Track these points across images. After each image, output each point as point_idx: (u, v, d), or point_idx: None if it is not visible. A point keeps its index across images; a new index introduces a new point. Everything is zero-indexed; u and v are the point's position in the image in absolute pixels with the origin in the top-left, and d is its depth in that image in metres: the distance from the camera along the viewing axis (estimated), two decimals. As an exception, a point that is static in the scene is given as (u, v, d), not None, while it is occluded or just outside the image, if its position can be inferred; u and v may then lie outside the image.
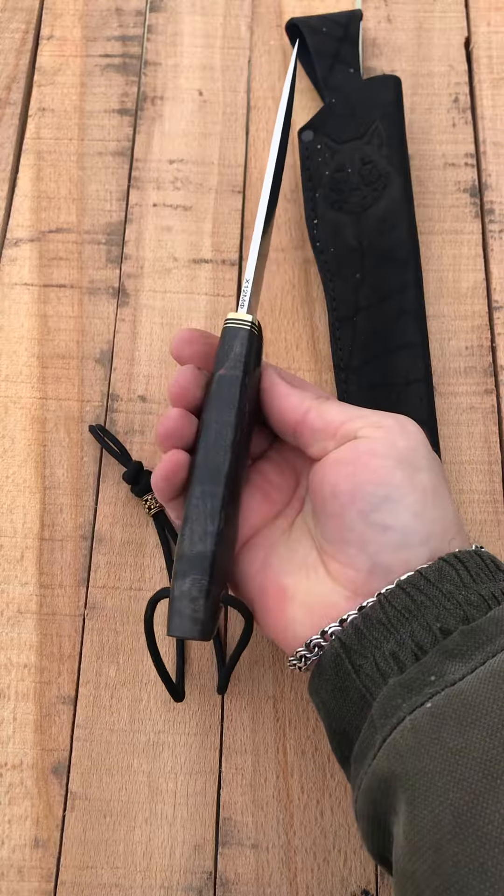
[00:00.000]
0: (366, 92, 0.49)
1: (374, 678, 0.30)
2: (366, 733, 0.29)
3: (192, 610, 0.32)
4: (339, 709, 0.31)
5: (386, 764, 0.27)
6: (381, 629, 0.30)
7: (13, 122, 0.52)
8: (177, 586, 0.32)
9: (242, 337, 0.35)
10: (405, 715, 0.28)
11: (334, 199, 0.47)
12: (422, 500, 0.31)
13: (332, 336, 0.45)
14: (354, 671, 0.30)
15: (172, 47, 0.54)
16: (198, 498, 0.33)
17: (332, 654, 0.31)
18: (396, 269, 0.46)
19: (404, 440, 0.32)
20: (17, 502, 0.44)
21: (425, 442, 0.33)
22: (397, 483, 0.31)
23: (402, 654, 0.29)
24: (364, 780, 0.29)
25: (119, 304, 0.48)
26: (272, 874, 0.37)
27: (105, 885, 0.37)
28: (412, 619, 0.30)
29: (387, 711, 0.28)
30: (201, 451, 0.33)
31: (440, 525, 0.32)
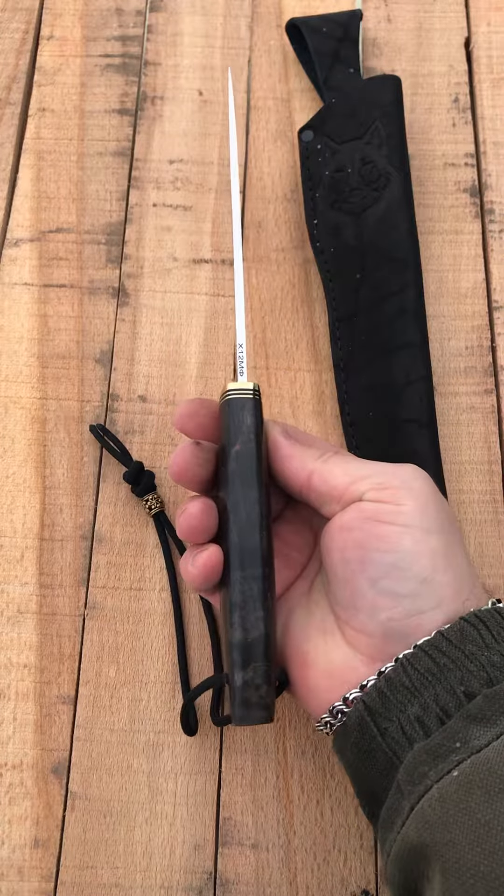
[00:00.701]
0: (366, 92, 0.49)
1: (400, 742, 0.29)
2: (393, 799, 0.29)
3: (258, 697, 0.32)
4: (366, 770, 0.31)
5: (415, 833, 0.27)
6: (405, 692, 0.30)
7: (13, 122, 0.52)
8: (239, 676, 0.32)
9: (250, 407, 0.34)
10: (432, 783, 0.27)
11: (334, 199, 0.47)
12: (431, 566, 0.31)
13: (331, 336, 0.45)
14: (380, 734, 0.30)
15: (172, 47, 0.54)
16: (241, 583, 0.32)
17: (357, 717, 0.31)
18: (396, 268, 0.46)
19: (412, 501, 0.32)
20: (17, 502, 0.44)
21: (435, 497, 0.33)
22: (405, 549, 0.31)
23: (427, 719, 0.29)
24: (393, 847, 0.29)
25: (119, 304, 0.48)
26: (272, 874, 0.37)
27: (105, 885, 0.37)
28: (435, 682, 0.29)
29: (413, 779, 0.28)
30: (234, 534, 0.33)
31: (452, 588, 0.31)
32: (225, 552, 0.33)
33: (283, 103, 0.53)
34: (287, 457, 0.34)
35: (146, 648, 0.41)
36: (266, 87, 0.53)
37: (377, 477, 0.32)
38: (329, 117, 0.49)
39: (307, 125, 0.49)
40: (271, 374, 0.46)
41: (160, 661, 0.41)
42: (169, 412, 0.45)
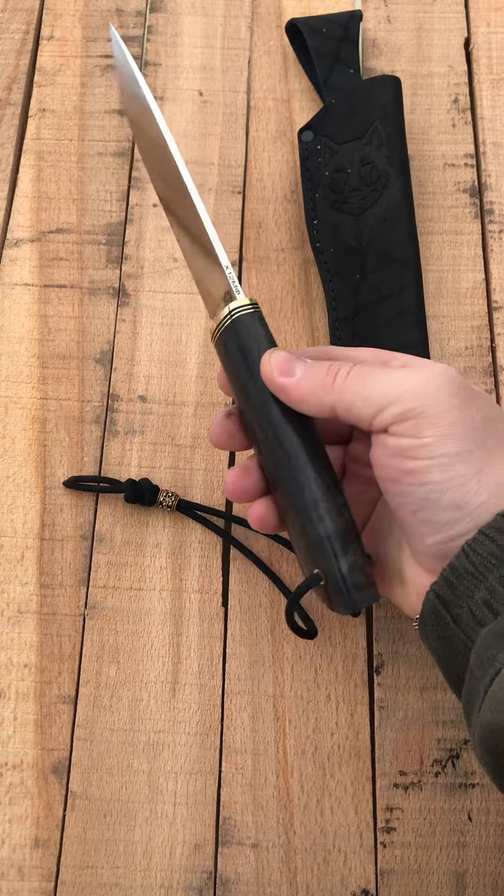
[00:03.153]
0: (366, 92, 0.49)
1: (473, 626, 0.30)
2: (469, 684, 0.29)
3: (366, 577, 0.32)
4: (448, 656, 0.31)
5: (491, 717, 0.28)
6: (471, 578, 0.30)
7: (13, 123, 0.52)
8: (341, 563, 0.32)
9: (257, 318, 0.35)
10: (501, 666, 0.27)
11: (334, 199, 0.47)
12: (462, 492, 0.30)
13: (332, 336, 0.46)
14: (453, 621, 0.30)
15: (172, 48, 0.55)
16: (315, 477, 0.33)
17: (431, 606, 0.31)
18: (396, 269, 0.46)
19: (433, 430, 0.30)
20: (17, 502, 0.44)
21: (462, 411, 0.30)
22: (434, 481, 0.30)
23: (494, 602, 0.29)
24: (476, 731, 0.29)
25: (119, 304, 0.48)
26: (272, 874, 0.37)
27: (105, 884, 0.37)
28: (499, 565, 0.29)
29: (483, 662, 0.28)
30: (291, 437, 0.33)
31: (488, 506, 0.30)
32: (287, 457, 0.33)
33: (283, 103, 0.53)
34: (299, 401, 0.33)
35: (146, 648, 0.41)
36: (266, 87, 0.53)
37: (397, 405, 0.30)
38: (329, 118, 0.49)
39: (307, 125, 0.49)
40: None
41: (160, 661, 0.41)
42: (169, 412, 0.45)
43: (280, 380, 0.33)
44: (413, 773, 0.39)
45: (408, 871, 0.37)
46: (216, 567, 0.42)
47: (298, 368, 0.33)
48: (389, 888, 0.37)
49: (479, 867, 0.37)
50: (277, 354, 0.33)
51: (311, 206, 0.48)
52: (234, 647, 0.41)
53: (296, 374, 0.33)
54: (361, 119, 0.48)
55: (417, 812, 0.38)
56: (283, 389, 0.33)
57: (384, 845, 0.38)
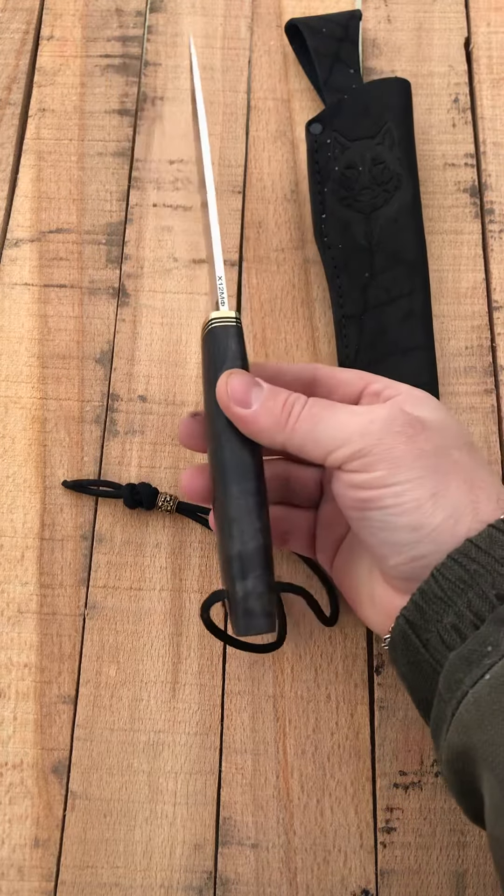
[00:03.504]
0: (378, 92, 0.49)
1: (441, 651, 0.30)
2: (437, 708, 0.30)
3: (261, 606, 0.32)
4: (417, 681, 0.31)
5: (457, 738, 0.28)
6: (439, 603, 0.30)
7: (13, 123, 0.52)
8: (240, 587, 0.32)
9: (233, 334, 0.35)
10: (468, 689, 0.28)
11: (343, 196, 0.47)
12: (417, 514, 0.31)
13: (337, 333, 0.45)
14: (423, 645, 0.31)
15: (172, 48, 0.55)
16: (238, 497, 0.33)
17: (400, 631, 0.31)
18: (405, 271, 0.46)
19: (384, 464, 0.31)
20: (17, 502, 0.44)
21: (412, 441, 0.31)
22: (388, 506, 0.31)
23: (463, 626, 0.30)
24: (443, 753, 0.29)
25: (119, 304, 0.48)
26: (272, 874, 0.37)
27: (105, 884, 0.37)
28: (467, 589, 0.30)
29: (451, 686, 0.29)
30: (226, 450, 0.34)
31: (447, 527, 0.31)
32: (220, 471, 0.34)
33: (283, 103, 0.53)
34: (252, 434, 0.33)
35: (146, 648, 0.41)
36: (266, 87, 0.53)
37: (345, 448, 0.31)
38: (340, 113, 0.48)
39: (316, 118, 0.49)
40: (271, 374, 0.46)
41: (160, 660, 0.41)
42: (169, 412, 0.45)
43: (234, 409, 0.33)
44: (413, 772, 0.39)
45: (408, 871, 0.37)
46: (216, 567, 0.42)
47: (255, 399, 0.33)
48: (389, 888, 0.37)
49: (479, 867, 0.37)
50: (236, 379, 0.33)
51: (319, 199, 0.48)
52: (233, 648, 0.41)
53: (251, 405, 0.33)
54: (374, 118, 0.48)
55: (417, 812, 0.38)
56: (237, 419, 0.33)
57: (384, 845, 0.38)
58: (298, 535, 0.39)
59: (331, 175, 0.48)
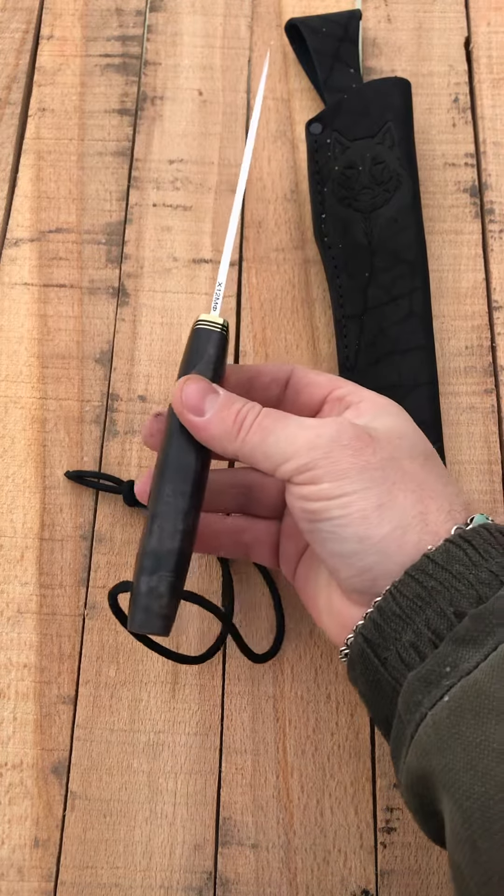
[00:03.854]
0: (378, 91, 0.49)
1: (400, 670, 0.30)
2: (396, 729, 0.30)
3: (159, 606, 0.32)
4: (376, 700, 0.31)
5: (416, 762, 0.28)
6: (398, 620, 0.30)
7: (13, 122, 0.52)
8: (144, 582, 0.32)
9: (215, 339, 0.35)
10: (426, 711, 0.28)
11: (343, 195, 0.47)
12: (363, 525, 0.31)
13: (337, 333, 0.45)
14: (381, 664, 0.30)
15: (172, 47, 0.54)
16: (168, 496, 0.33)
17: (359, 649, 0.31)
18: (405, 271, 0.46)
19: (330, 477, 0.31)
20: (17, 502, 0.44)
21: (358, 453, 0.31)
22: (335, 517, 0.31)
23: (421, 644, 0.29)
24: (403, 776, 0.29)
25: (119, 304, 0.48)
26: (272, 874, 0.37)
27: (105, 885, 0.37)
28: (425, 606, 0.29)
29: (410, 707, 0.29)
30: (171, 449, 0.34)
31: (394, 538, 0.31)
32: (160, 467, 0.34)
33: (283, 103, 0.53)
34: (204, 441, 0.33)
35: (146, 649, 0.41)
36: (266, 87, 0.53)
37: (293, 461, 0.31)
38: (340, 113, 0.48)
39: (316, 118, 0.49)
40: (271, 374, 0.46)
41: (160, 660, 0.41)
42: (169, 412, 0.45)
43: (188, 416, 0.33)
44: (413, 773, 0.39)
45: (408, 872, 0.37)
46: (216, 567, 0.42)
47: (209, 407, 0.33)
48: (390, 888, 0.37)
49: (479, 867, 0.37)
50: (192, 385, 0.33)
51: (318, 199, 0.48)
52: (233, 648, 0.41)
53: (205, 413, 0.33)
54: (374, 118, 0.48)
55: (417, 812, 0.38)
56: (190, 426, 0.33)
57: (384, 845, 0.38)
58: (261, 545, 0.39)
59: (331, 175, 0.48)
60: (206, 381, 0.34)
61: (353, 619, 0.32)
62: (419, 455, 0.33)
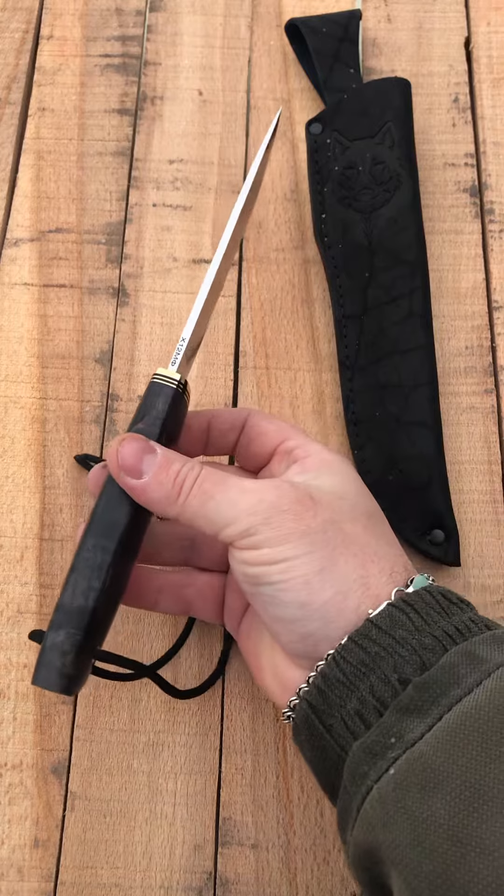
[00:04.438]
0: (378, 91, 0.49)
1: (346, 737, 0.29)
2: (343, 799, 0.29)
3: (61, 664, 0.31)
4: (322, 766, 0.31)
5: (363, 836, 0.27)
6: (341, 687, 0.30)
7: (13, 122, 0.52)
8: (49, 637, 0.31)
9: (166, 395, 0.34)
10: (372, 783, 0.27)
11: (343, 196, 0.47)
12: (305, 591, 0.30)
13: (337, 333, 0.45)
14: (327, 731, 0.30)
15: (172, 47, 0.54)
16: (89, 550, 0.32)
17: (303, 715, 0.31)
18: (405, 271, 0.46)
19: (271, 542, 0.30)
20: (17, 502, 0.44)
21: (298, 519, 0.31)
22: (275, 583, 0.30)
23: (366, 712, 0.29)
24: (350, 849, 0.28)
25: (119, 304, 0.48)
26: (272, 874, 0.37)
27: (105, 885, 0.37)
28: (369, 673, 0.29)
29: (356, 779, 0.28)
30: (101, 502, 0.32)
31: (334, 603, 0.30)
32: (89, 519, 0.33)
33: (283, 103, 0.53)
34: (146, 504, 0.32)
35: (146, 649, 0.41)
36: (266, 87, 0.53)
37: (233, 527, 0.31)
38: (340, 113, 0.48)
39: (316, 118, 0.49)
40: (271, 374, 0.46)
41: (160, 661, 0.41)
42: (169, 412, 0.45)
43: (125, 479, 0.32)
44: (413, 773, 0.39)
45: (408, 872, 0.37)
46: (216, 567, 0.42)
47: (147, 468, 0.32)
48: (389, 888, 0.37)
49: (479, 867, 0.37)
50: (128, 445, 0.32)
51: (318, 199, 0.48)
52: (233, 647, 0.41)
53: (143, 475, 0.32)
54: (374, 118, 0.48)
55: (417, 812, 0.38)
56: (128, 489, 0.32)
57: (384, 845, 0.38)
58: (204, 599, 0.38)
59: (331, 175, 0.48)
60: (144, 439, 0.32)
61: (295, 682, 0.32)
62: (361, 515, 0.33)
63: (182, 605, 0.38)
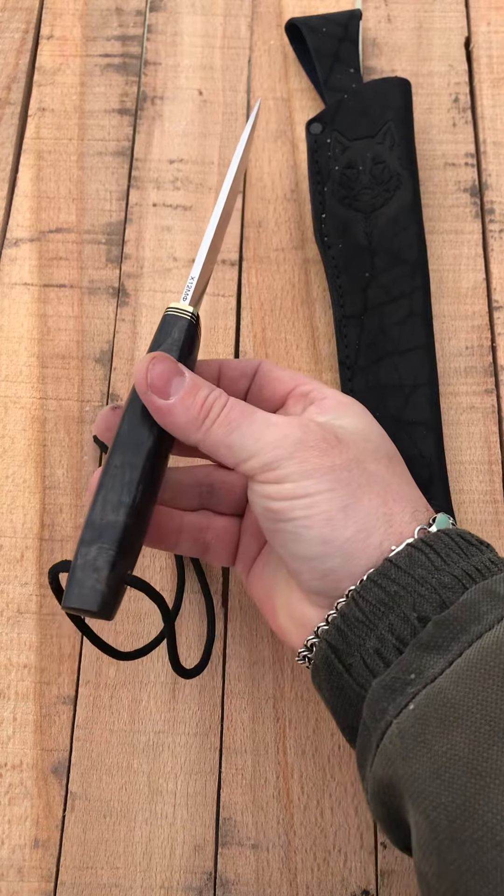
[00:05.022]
0: (378, 91, 0.49)
1: (365, 676, 0.29)
2: (362, 737, 0.29)
3: (94, 580, 0.29)
4: (341, 706, 0.31)
5: (382, 771, 0.27)
6: (361, 626, 0.30)
7: (13, 122, 0.52)
8: (80, 554, 0.30)
9: (181, 325, 0.34)
10: (392, 719, 0.27)
11: (343, 196, 0.47)
12: (328, 528, 0.30)
13: (337, 333, 0.45)
14: (346, 670, 0.30)
15: (172, 47, 0.54)
16: (116, 467, 0.31)
17: (323, 655, 0.31)
18: (406, 271, 0.45)
19: (294, 476, 0.30)
20: (17, 502, 0.44)
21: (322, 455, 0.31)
22: (298, 519, 0.30)
23: (385, 651, 0.29)
24: (369, 784, 0.29)
25: (119, 303, 0.48)
26: (272, 874, 0.37)
27: (105, 885, 0.37)
28: (388, 612, 0.29)
29: (375, 715, 0.28)
30: (126, 422, 0.32)
31: (357, 540, 0.30)
32: (114, 440, 0.32)
33: (283, 103, 0.53)
34: (166, 426, 0.32)
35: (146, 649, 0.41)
36: (266, 87, 0.53)
37: (257, 458, 0.31)
38: (340, 113, 0.48)
39: (316, 118, 0.49)
40: (271, 374, 0.46)
41: (160, 661, 0.41)
42: (169, 412, 0.45)
43: (151, 398, 0.32)
44: (413, 773, 0.39)
45: (408, 872, 0.37)
46: (216, 567, 0.42)
47: (175, 390, 0.31)
48: (390, 889, 0.37)
49: (479, 868, 0.37)
50: (160, 364, 0.32)
51: (318, 199, 0.48)
52: (234, 648, 0.41)
53: (170, 397, 0.31)
54: (374, 118, 0.48)
55: (418, 812, 0.38)
56: (153, 410, 0.32)
57: (385, 846, 0.38)
58: (220, 543, 0.38)
59: (331, 175, 0.48)
60: (173, 360, 0.32)
61: (312, 621, 0.32)
62: (383, 456, 0.33)
63: (200, 547, 0.38)
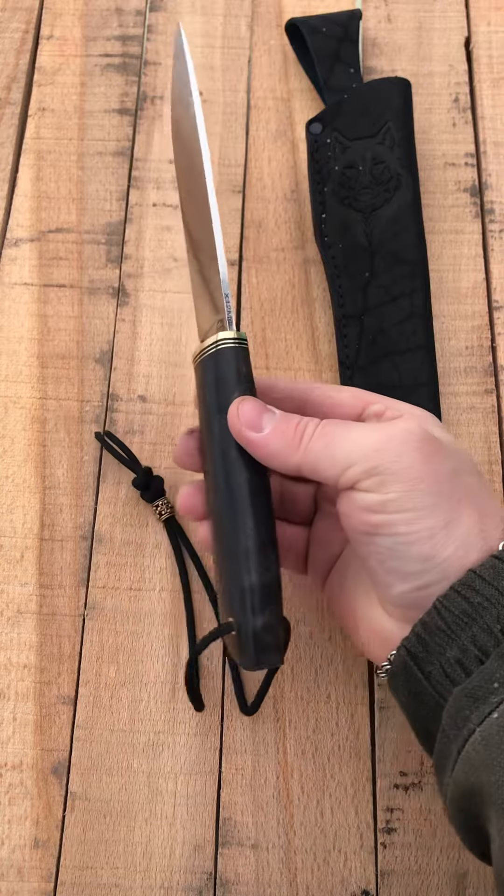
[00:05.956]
0: (378, 91, 0.49)
1: (444, 684, 0.29)
2: (441, 743, 0.29)
3: (274, 639, 0.32)
4: (418, 712, 0.31)
5: (464, 777, 0.28)
6: (442, 636, 0.30)
7: (13, 122, 0.52)
8: (253, 620, 0.32)
9: (240, 356, 0.34)
10: (475, 727, 0.27)
11: (343, 196, 0.47)
12: (430, 545, 0.30)
13: (337, 333, 0.45)
14: (425, 678, 0.30)
15: (172, 47, 0.54)
16: (251, 530, 0.32)
17: (401, 662, 0.31)
18: (406, 271, 0.45)
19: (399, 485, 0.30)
20: (17, 502, 0.44)
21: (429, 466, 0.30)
22: (401, 534, 0.30)
23: (467, 661, 0.29)
24: (448, 790, 0.29)
25: (119, 304, 0.48)
26: (272, 874, 0.37)
27: (105, 885, 0.37)
28: (471, 623, 0.29)
29: (457, 723, 0.28)
30: (238, 479, 0.33)
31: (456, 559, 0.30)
32: (230, 498, 0.33)
33: (283, 103, 0.53)
34: (265, 458, 0.33)
35: (146, 648, 0.41)
36: (266, 87, 0.53)
37: (360, 465, 0.30)
38: (340, 113, 0.48)
39: (316, 118, 0.49)
40: (271, 374, 0.46)
41: (160, 661, 0.41)
42: (169, 412, 0.45)
43: (247, 434, 0.32)
44: (413, 773, 0.39)
45: (408, 872, 0.37)
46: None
47: (267, 423, 0.32)
48: (390, 889, 0.37)
49: (479, 868, 0.37)
50: (247, 404, 0.33)
51: (318, 199, 0.48)
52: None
53: (264, 429, 0.32)
54: (374, 118, 0.48)
55: (418, 813, 0.38)
56: (250, 444, 0.32)
57: (384, 846, 0.38)
58: (289, 552, 0.38)
59: (331, 175, 0.48)
60: (260, 402, 0.33)
61: (392, 634, 0.32)
62: (474, 468, 0.33)
63: None
